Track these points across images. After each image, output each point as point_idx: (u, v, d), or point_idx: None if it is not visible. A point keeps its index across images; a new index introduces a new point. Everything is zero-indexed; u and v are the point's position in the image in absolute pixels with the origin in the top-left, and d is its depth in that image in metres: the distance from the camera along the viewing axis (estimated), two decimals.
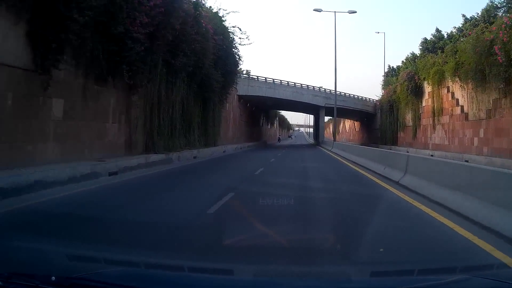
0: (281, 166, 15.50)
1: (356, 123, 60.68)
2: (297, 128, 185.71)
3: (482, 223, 4.79)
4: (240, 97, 31.55)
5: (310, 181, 10.37)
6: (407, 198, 7.19)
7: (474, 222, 4.96)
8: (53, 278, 1.86)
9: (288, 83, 37.42)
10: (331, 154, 24.77)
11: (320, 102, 39.70)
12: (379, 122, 40.58)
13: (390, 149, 24.80)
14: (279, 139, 65.27)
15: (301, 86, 39.27)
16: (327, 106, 38.96)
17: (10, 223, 5.00)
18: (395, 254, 3.97)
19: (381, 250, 4.16)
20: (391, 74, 42.26)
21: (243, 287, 2.39)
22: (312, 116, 62.52)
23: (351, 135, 67.20)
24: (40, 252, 3.36)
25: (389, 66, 46.36)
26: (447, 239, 4.59)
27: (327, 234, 4.68)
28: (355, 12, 33.41)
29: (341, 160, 18.77)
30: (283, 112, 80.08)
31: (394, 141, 34.54)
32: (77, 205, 6.27)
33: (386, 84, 39.79)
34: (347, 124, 72.59)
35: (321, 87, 41.07)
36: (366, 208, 6.25)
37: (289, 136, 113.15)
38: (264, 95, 34.01)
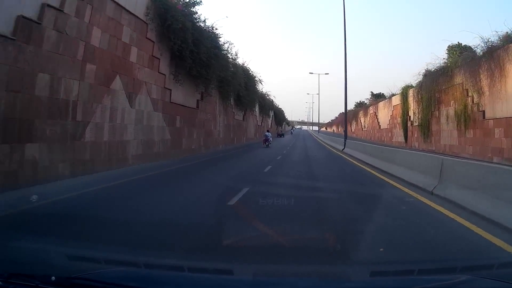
0: None
1: None
2: (298, 126, 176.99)
3: None
4: None
5: None
6: None
7: None
8: (53, 278, 1.86)
9: None
10: None
11: None
12: None
13: None
14: (266, 140, 30.62)
15: None
16: None
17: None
18: None
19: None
20: None
21: (243, 287, 2.38)
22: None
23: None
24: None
25: None
26: None
27: None
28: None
29: None
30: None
31: None
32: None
33: None
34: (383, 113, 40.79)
35: None
36: None
37: (279, 135, 65.62)
38: None
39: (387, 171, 11.70)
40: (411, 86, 30.92)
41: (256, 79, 34.56)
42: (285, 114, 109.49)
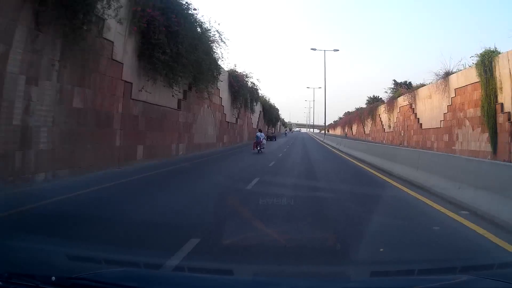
0: None
1: None
2: (297, 129, 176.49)
3: None
4: None
5: None
6: None
7: None
8: (53, 278, 1.86)
9: None
10: None
11: None
12: None
13: None
14: (258, 144, 22.23)
15: None
16: None
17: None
18: None
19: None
20: None
21: (243, 287, 2.39)
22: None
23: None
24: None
25: None
26: None
27: None
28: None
29: None
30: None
31: None
32: None
33: None
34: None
35: None
36: None
37: (269, 137, 42.32)
38: None
39: None
40: (498, 52, 18.24)
41: (207, 27, 17.39)
42: (280, 114, 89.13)
